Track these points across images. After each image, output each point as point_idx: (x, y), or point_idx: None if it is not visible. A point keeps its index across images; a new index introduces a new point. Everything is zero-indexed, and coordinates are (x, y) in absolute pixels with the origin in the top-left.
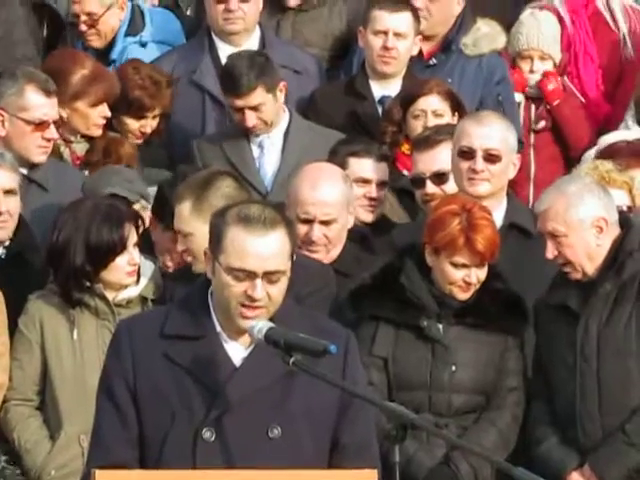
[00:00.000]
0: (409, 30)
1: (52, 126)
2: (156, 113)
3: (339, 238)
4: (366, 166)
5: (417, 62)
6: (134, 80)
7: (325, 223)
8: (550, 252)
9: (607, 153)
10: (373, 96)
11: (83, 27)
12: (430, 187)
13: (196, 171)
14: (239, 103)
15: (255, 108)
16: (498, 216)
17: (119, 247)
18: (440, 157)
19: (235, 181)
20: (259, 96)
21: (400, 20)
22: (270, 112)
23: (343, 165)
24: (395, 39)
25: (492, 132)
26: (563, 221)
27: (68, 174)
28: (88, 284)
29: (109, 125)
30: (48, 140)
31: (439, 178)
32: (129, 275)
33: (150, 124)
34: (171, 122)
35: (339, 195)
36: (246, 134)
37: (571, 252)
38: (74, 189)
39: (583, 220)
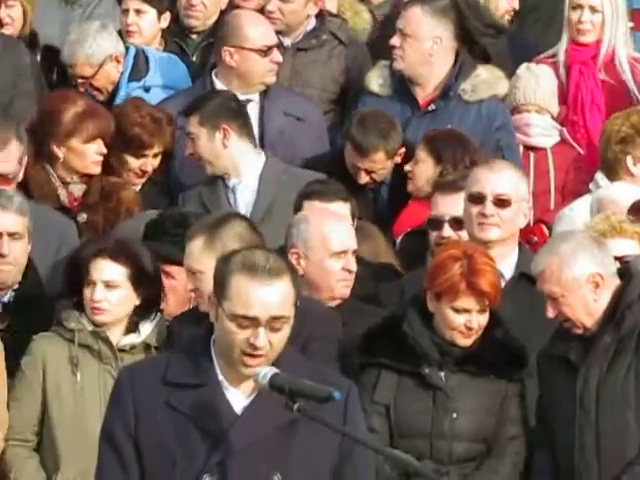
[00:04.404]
0: None
1: None
2: (156, 151)
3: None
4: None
5: (416, 109)
6: (134, 117)
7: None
8: (550, 312)
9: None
10: None
11: (81, 88)
12: (447, 230)
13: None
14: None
15: (191, 136)
16: (509, 265)
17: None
18: (462, 203)
19: (249, 223)
20: (192, 124)
21: None
22: (202, 147)
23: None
24: None
25: (503, 179)
26: (558, 282)
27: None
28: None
29: (108, 164)
30: None
31: (458, 223)
32: (92, 311)
33: (151, 162)
34: (175, 166)
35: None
36: (223, 180)
37: (570, 310)
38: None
39: (578, 279)
